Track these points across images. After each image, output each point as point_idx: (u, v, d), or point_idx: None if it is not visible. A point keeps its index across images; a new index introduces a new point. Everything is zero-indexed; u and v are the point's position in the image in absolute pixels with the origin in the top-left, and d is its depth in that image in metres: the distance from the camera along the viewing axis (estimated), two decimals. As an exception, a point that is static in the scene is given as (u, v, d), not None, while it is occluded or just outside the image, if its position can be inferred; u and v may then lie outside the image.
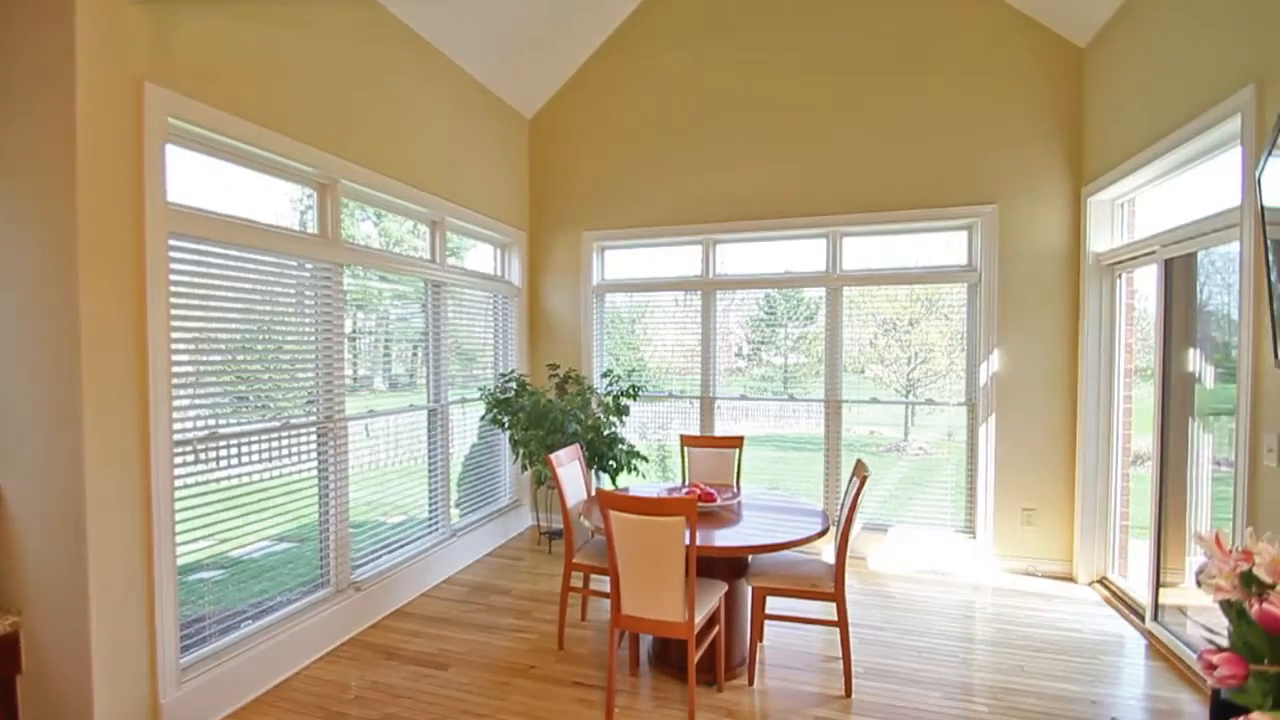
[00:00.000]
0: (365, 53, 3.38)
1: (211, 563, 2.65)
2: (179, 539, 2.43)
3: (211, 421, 2.63)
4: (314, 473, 3.13)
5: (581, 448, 3.70)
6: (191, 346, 2.54)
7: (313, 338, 3.11)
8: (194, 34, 2.46)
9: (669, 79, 4.74)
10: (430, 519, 4.04)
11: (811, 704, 2.63)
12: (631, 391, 4.52)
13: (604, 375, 4.79)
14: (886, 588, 3.88)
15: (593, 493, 3.49)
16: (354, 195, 3.43)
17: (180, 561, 2.44)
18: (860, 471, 2.76)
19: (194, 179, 2.57)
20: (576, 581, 3.42)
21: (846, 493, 2.85)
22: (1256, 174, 2.25)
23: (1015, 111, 4.03)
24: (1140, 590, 3.39)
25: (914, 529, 4.36)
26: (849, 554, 2.76)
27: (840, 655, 2.74)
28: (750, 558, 2.96)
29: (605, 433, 4.36)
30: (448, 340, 4.15)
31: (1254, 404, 2.36)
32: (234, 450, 2.72)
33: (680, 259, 4.94)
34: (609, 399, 4.52)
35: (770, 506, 3.24)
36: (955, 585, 3.91)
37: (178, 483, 2.44)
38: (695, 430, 4.82)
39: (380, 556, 3.58)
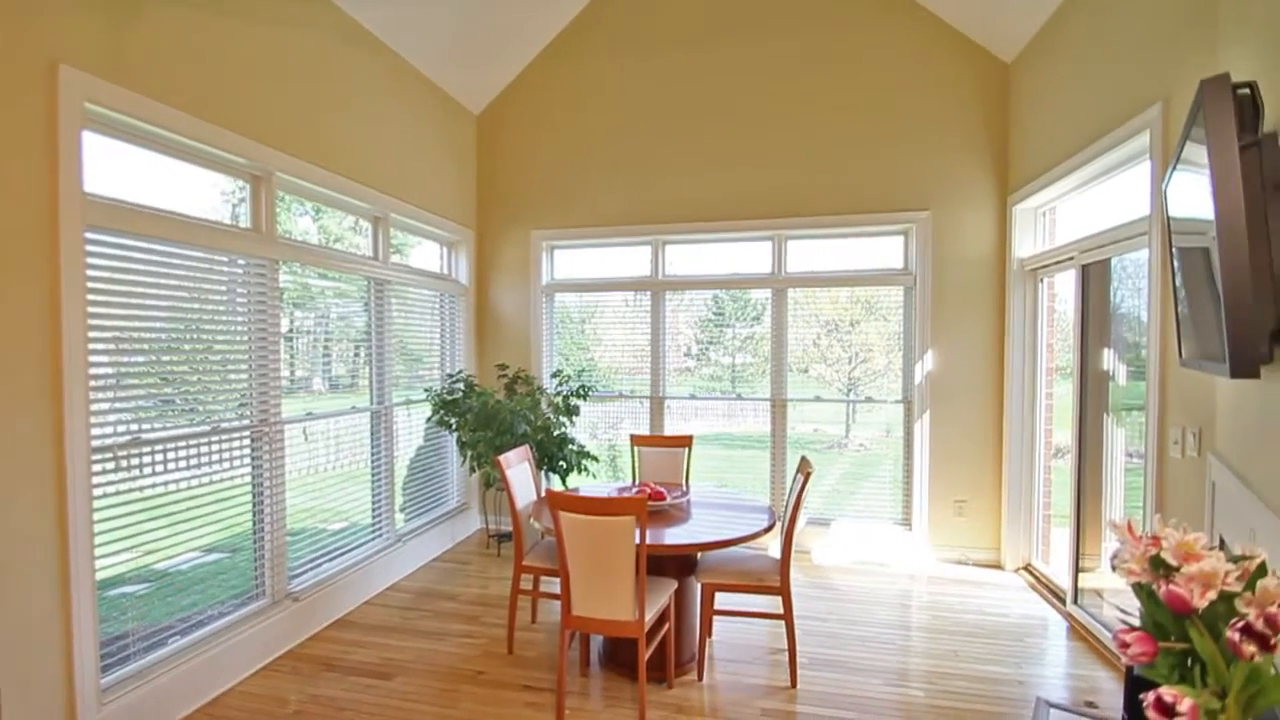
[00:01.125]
0: (306, 43, 3.24)
1: (135, 576, 2.50)
2: (98, 551, 2.28)
3: (134, 426, 2.47)
4: (247, 479, 2.99)
5: (531, 449, 3.67)
6: (112, 346, 2.39)
7: (246, 337, 2.96)
8: (117, 16, 2.31)
9: (618, 81, 4.75)
10: (374, 524, 3.91)
11: (759, 696, 2.69)
12: (581, 392, 4.50)
13: (554, 375, 4.75)
14: (829, 580, 4.00)
15: (542, 494, 3.46)
16: (291, 189, 3.29)
17: (100, 575, 2.29)
18: (804, 468, 2.84)
19: (115, 169, 2.41)
20: (526, 584, 3.39)
21: (791, 489, 2.93)
22: (1163, 186, 2.43)
23: (948, 123, 4.23)
24: (1061, 575, 3.61)
25: (855, 522, 4.51)
26: (794, 548, 2.83)
27: (786, 647, 2.81)
28: (699, 555, 3.00)
29: (555, 433, 4.33)
30: (392, 340, 4.03)
31: (1161, 400, 2.56)
32: (159, 456, 2.56)
33: (630, 259, 4.95)
34: (559, 399, 4.49)
35: (719, 504, 3.29)
36: (893, 575, 4.07)
37: (97, 491, 2.28)
38: (645, 430, 4.84)
39: (320, 565, 3.45)
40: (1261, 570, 0.87)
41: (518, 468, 3.28)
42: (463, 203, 4.90)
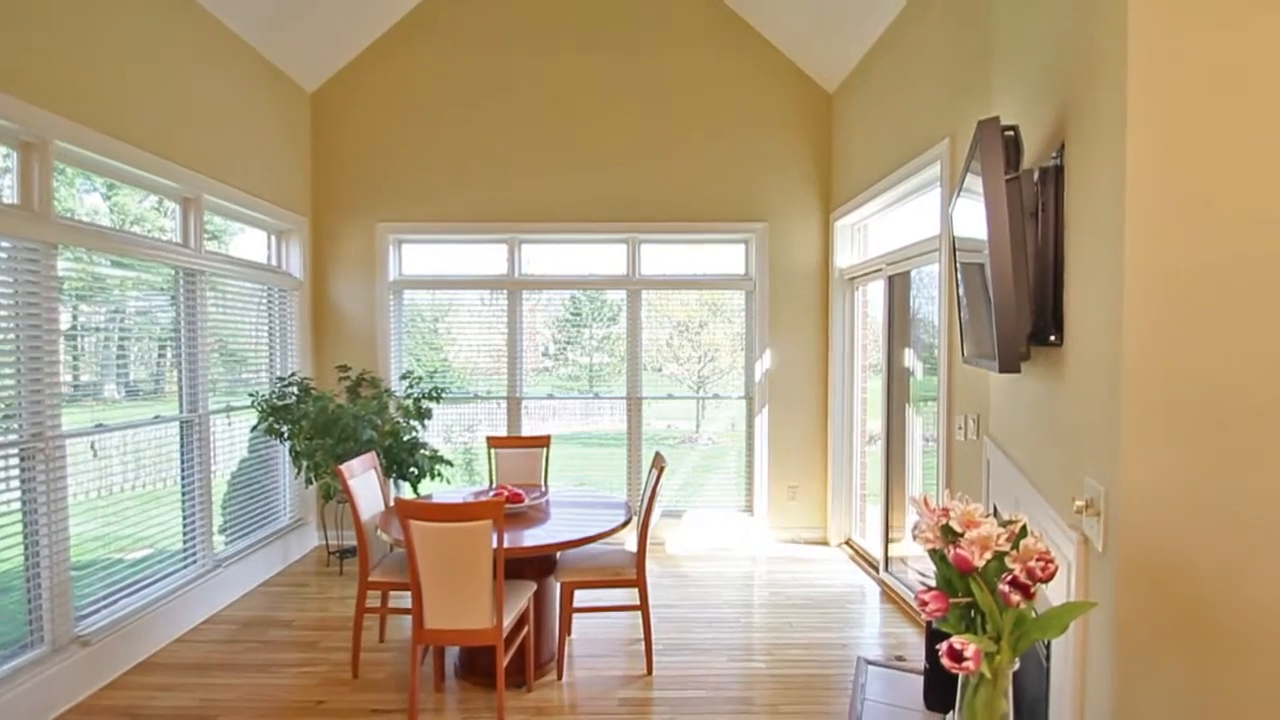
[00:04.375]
0: (88, -11, 2.77)
1: None
2: None
3: None
4: (17, 505, 2.50)
5: (378, 456, 3.45)
6: None
7: (12, 335, 2.47)
8: None
9: (471, 76, 4.59)
10: (186, 550, 3.44)
11: (617, 687, 2.77)
12: (434, 393, 4.31)
13: (403, 377, 4.50)
14: (681, 568, 4.21)
15: (391, 503, 3.27)
16: (74, 160, 2.80)
17: None
18: (658, 463, 2.97)
19: None
20: (373, 601, 3.17)
21: (647, 484, 3.04)
22: (950, 210, 2.87)
23: (782, 143, 4.63)
24: (875, 547, 4.12)
25: (704, 512, 4.79)
26: (649, 540, 2.94)
27: (643, 637, 2.92)
28: (558, 554, 3.01)
29: (405, 438, 4.10)
30: (207, 339, 3.56)
31: (949, 392, 3.02)
32: (-115, 485, 2.06)
33: (485, 257, 4.82)
34: (409, 402, 4.26)
35: (577, 503, 3.33)
36: (738, 559, 4.38)
37: None
38: (503, 431, 4.75)
39: (117, 601, 2.97)
40: (1023, 532, 1.07)
41: (362, 477, 3.07)
42: (295, 188, 4.46)
